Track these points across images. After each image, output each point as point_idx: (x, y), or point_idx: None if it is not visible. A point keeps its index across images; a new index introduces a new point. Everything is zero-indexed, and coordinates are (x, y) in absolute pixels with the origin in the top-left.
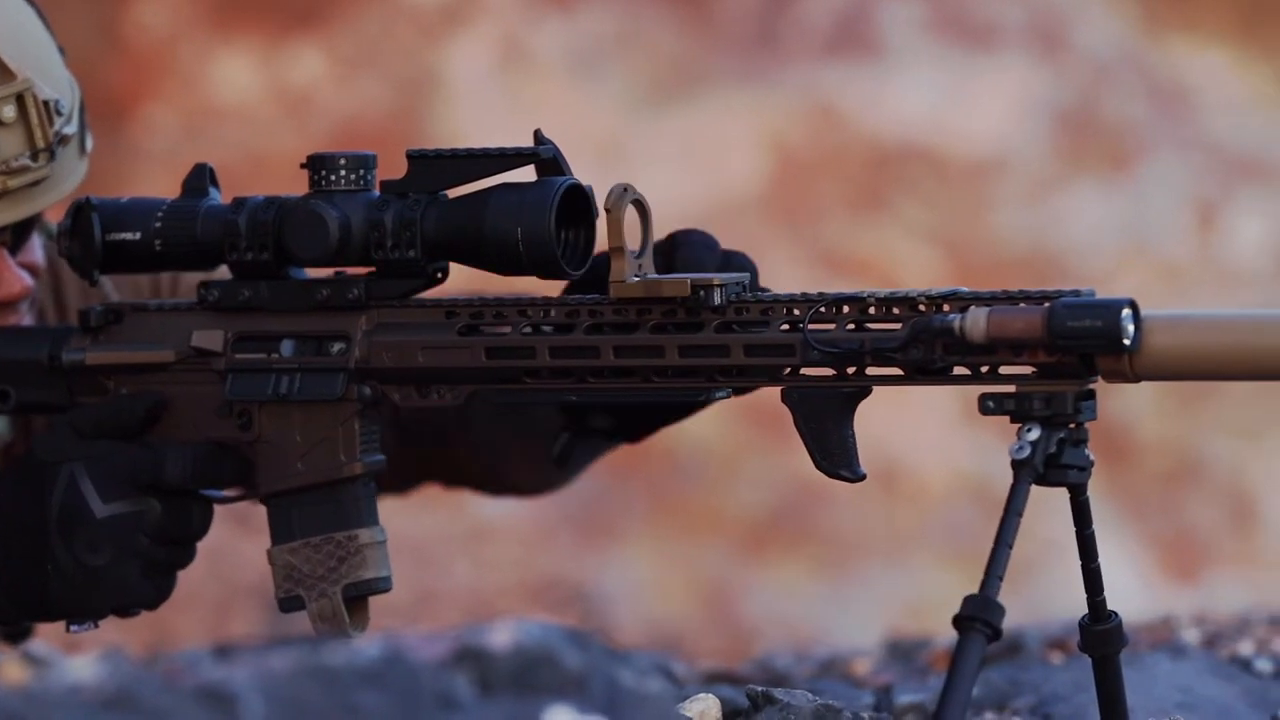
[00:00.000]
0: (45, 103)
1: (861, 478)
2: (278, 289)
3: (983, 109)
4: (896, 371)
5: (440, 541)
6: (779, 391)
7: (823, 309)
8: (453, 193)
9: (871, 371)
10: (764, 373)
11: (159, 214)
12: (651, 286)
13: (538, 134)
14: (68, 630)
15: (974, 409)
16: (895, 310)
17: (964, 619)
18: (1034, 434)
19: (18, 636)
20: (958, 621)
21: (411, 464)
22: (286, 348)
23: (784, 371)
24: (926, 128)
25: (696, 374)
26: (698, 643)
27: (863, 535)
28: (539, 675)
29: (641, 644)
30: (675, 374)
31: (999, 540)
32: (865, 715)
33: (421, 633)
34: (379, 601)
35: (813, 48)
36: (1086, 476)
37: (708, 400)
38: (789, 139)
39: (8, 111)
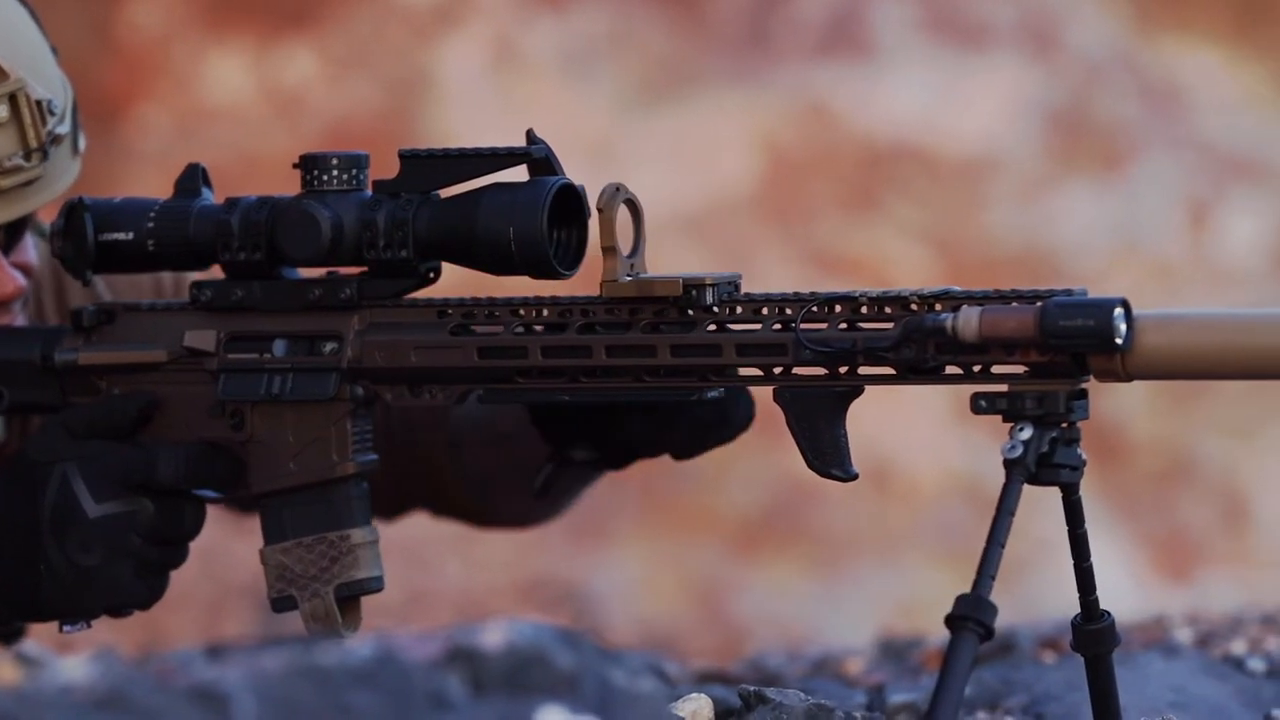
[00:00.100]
0: (38, 102)
1: (854, 477)
2: (270, 289)
3: (975, 108)
4: (889, 371)
5: (432, 542)
6: (771, 391)
7: (815, 308)
8: (445, 193)
9: (864, 371)
10: (756, 371)
11: (151, 214)
12: (644, 286)
13: (530, 134)
14: (60, 630)
15: (966, 408)
16: (887, 310)
17: (956, 618)
18: (1026, 433)
19: (10, 637)
20: (950, 621)
21: (400, 492)
22: (279, 347)
23: (776, 371)
24: (918, 127)
25: (688, 373)
26: (690, 642)
27: (855, 535)
28: (531, 675)
29: (633, 644)
30: (667, 373)
31: (991, 539)
32: (858, 715)
33: (413, 633)
34: (371, 601)
35: (804, 47)
36: (1079, 476)
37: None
38: (781, 139)
39: (0, 111)
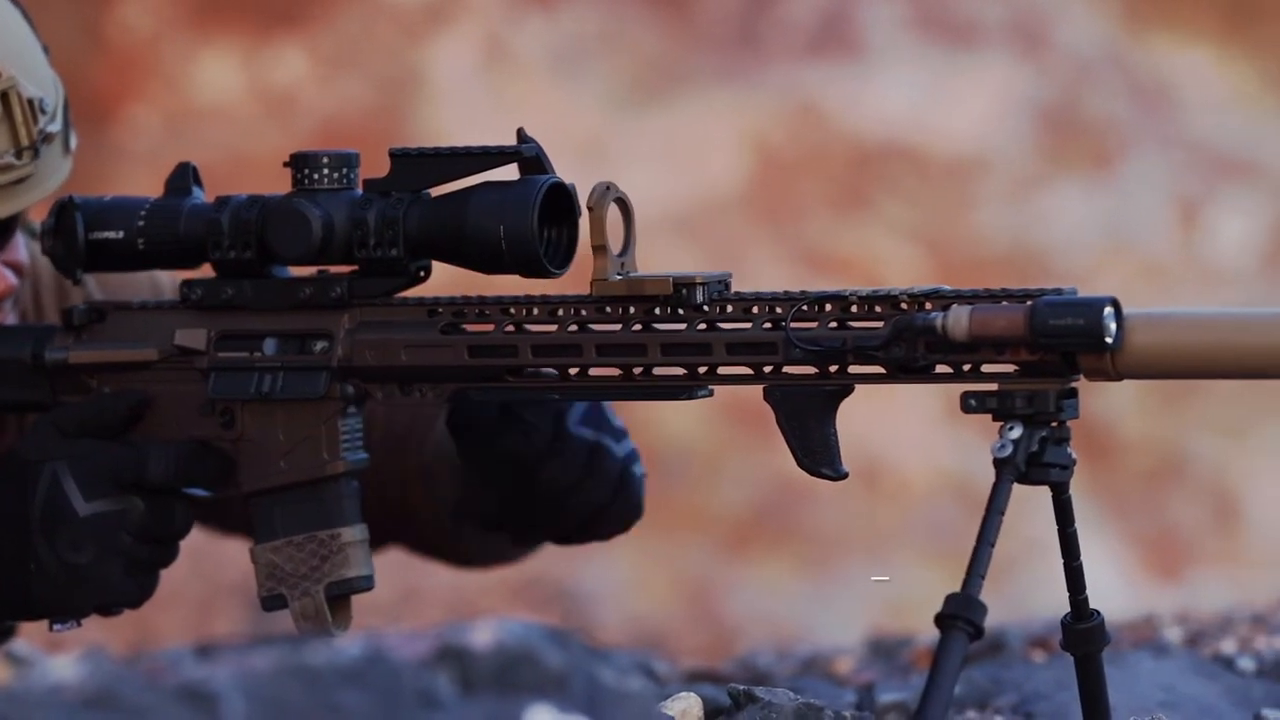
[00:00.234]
0: (29, 100)
1: (843, 476)
2: (261, 287)
3: (964, 107)
4: (879, 370)
5: None
6: (761, 390)
7: (805, 307)
8: (435, 191)
9: (854, 370)
10: (746, 370)
11: (142, 213)
12: (634, 285)
13: (520, 133)
14: (50, 629)
15: (956, 407)
16: (877, 308)
17: (946, 617)
18: (1016, 432)
19: (0, 636)
20: (940, 620)
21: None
22: (269, 346)
23: (766, 370)
24: (908, 126)
25: (679, 371)
26: (679, 641)
27: (845, 533)
28: (520, 674)
29: (623, 642)
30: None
31: (981, 538)
32: (847, 714)
33: (403, 632)
34: (361, 600)
35: (794, 47)
36: (1069, 475)
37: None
38: (771, 138)
39: None
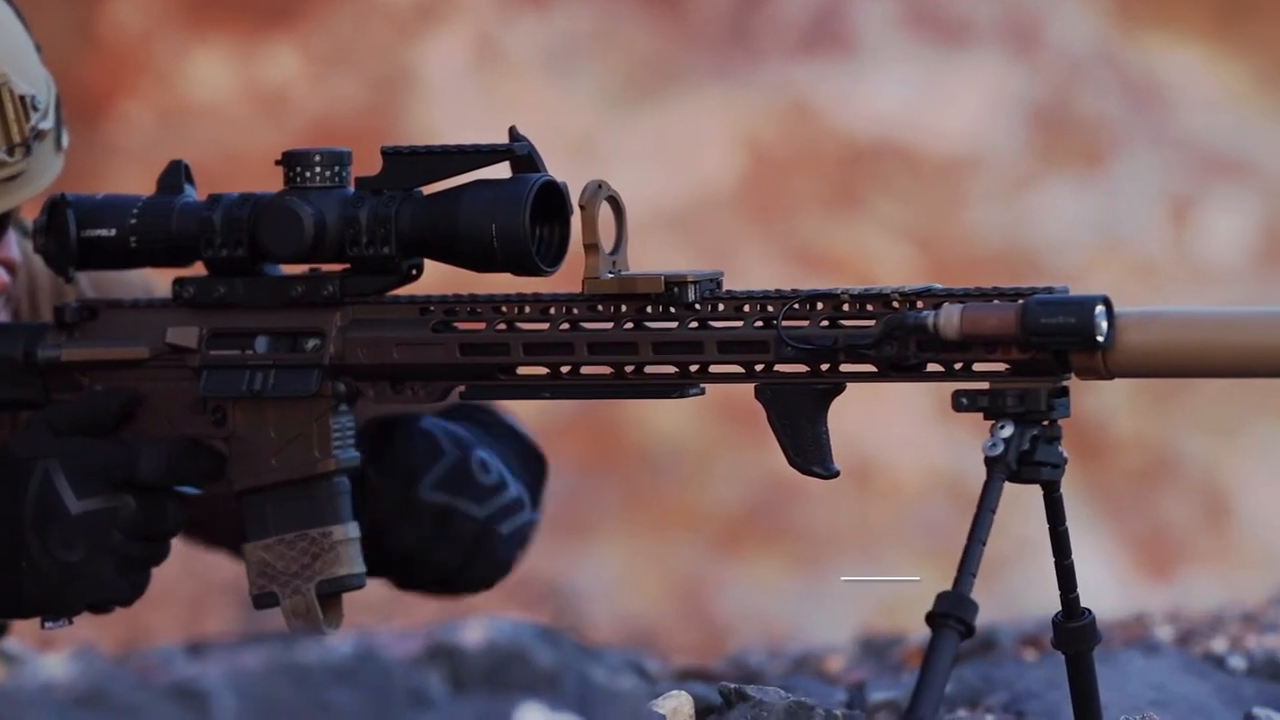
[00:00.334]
0: (21, 98)
1: (835, 474)
2: (253, 285)
3: (957, 106)
4: (870, 368)
5: None
6: (752, 388)
7: (796, 306)
8: (427, 190)
9: (845, 368)
10: (738, 369)
11: (134, 210)
12: (626, 283)
13: (513, 131)
14: (42, 627)
15: (948, 406)
16: (869, 307)
17: (937, 616)
18: (1007, 431)
19: None
20: (931, 618)
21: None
22: (261, 344)
23: (758, 368)
24: (900, 125)
25: (670, 370)
26: (671, 640)
27: (836, 532)
28: (511, 673)
29: (614, 641)
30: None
31: (972, 537)
32: (838, 713)
33: (394, 630)
34: (352, 598)
35: (787, 45)
36: (1060, 474)
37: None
38: (763, 136)
39: None
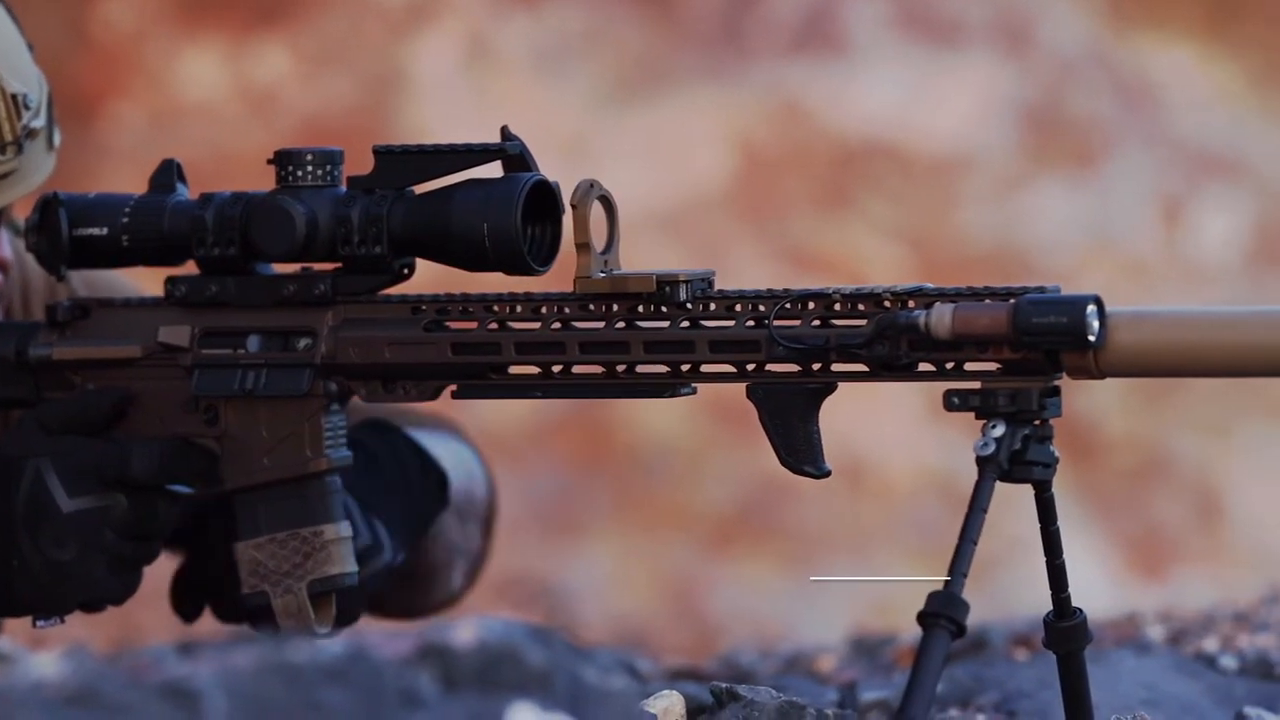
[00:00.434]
0: (13, 96)
1: (826, 474)
2: (244, 284)
3: (948, 106)
4: (862, 368)
5: None
6: (744, 388)
7: (788, 305)
8: (419, 189)
9: (837, 368)
10: (729, 368)
11: (126, 209)
12: (617, 282)
13: (504, 130)
14: (34, 625)
15: (939, 405)
16: (860, 306)
17: (928, 615)
18: (999, 430)
19: None
20: (922, 618)
21: None
22: (253, 343)
23: (749, 367)
24: (892, 125)
25: (662, 369)
26: (662, 639)
27: (828, 531)
28: (502, 672)
29: (606, 640)
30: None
31: (963, 536)
32: (830, 712)
33: (385, 629)
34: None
35: (778, 45)
36: (1051, 473)
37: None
38: (754, 136)
39: None
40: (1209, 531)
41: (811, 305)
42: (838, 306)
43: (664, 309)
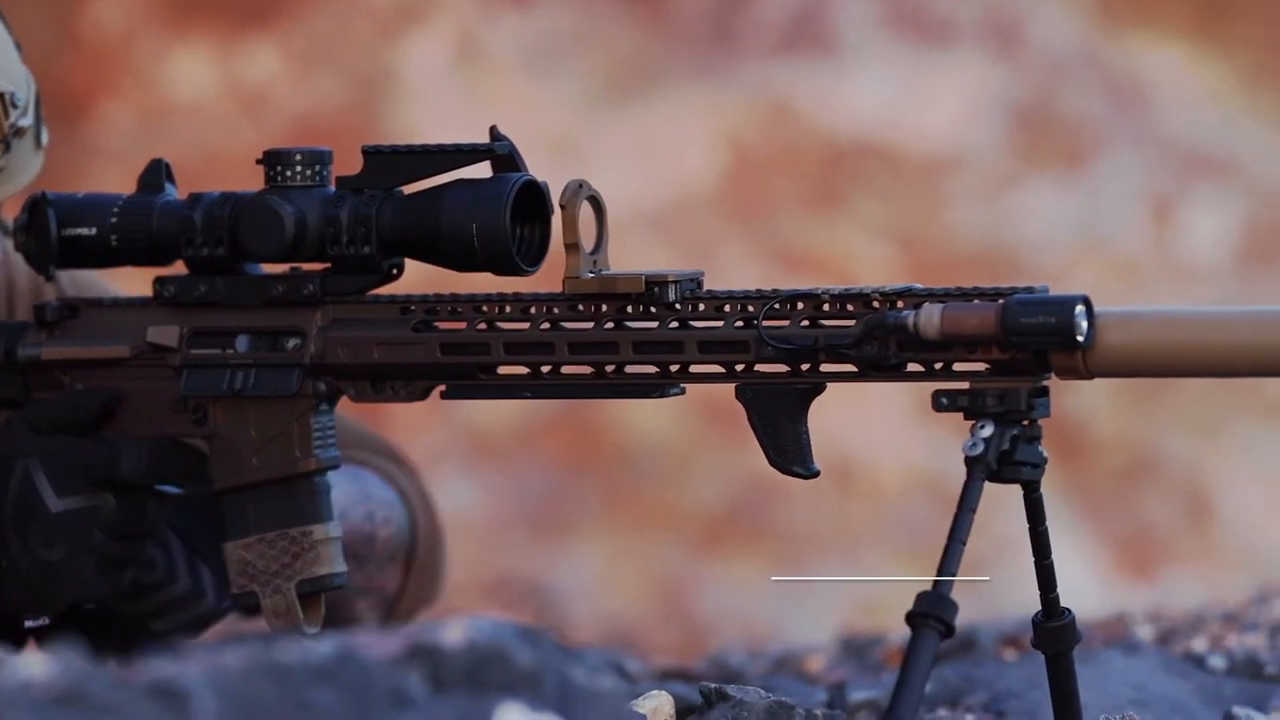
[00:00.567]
0: (1, 95)
1: (815, 474)
2: (233, 284)
3: (938, 105)
4: (850, 368)
5: None
6: (733, 388)
7: (777, 305)
8: (408, 189)
9: (825, 368)
10: (718, 369)
11: (115, 209)
12: (606, 282)
13: (493, 130)
14: (23, 625)
15: (928, 406)
16: (849, 307)
17: (917, 615)
18: (987, 430)
19: None
20: (911, 618)
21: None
22: (242, 343)
23: (738, 368)
24: (882, 124)
25: (650, 370)
26: (651, 639)
27: (817, 532)
28: (491, 672)
29: (595, 641)
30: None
31: (952, 537)
32: (818, 712)
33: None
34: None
35: (768, 45)
36: (1040, 473)
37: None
38: (744, 136)
39: None
40: (1198, 532)
41: (800, 305)
42: (826, 307)
43: (653, 309)
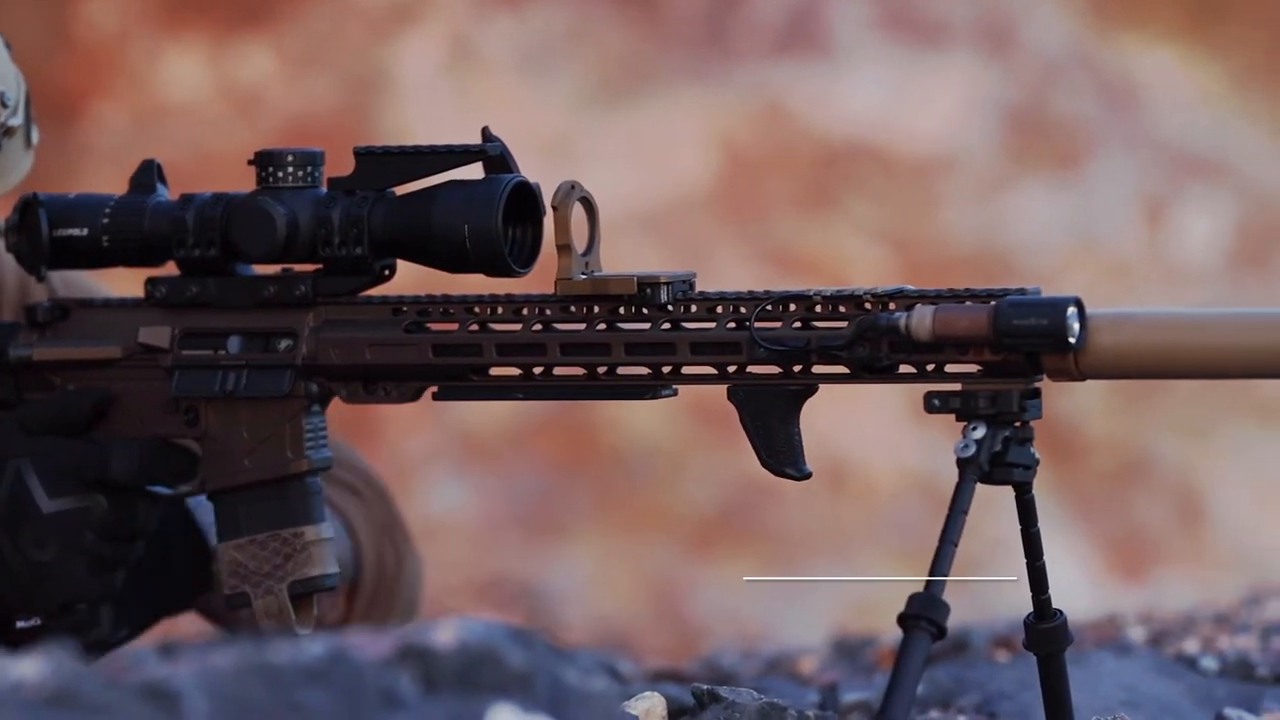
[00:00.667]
0: None
1: (807, 476)
2: (225, 285)
3: (931, 107)
4: (842, 370)
5: None
6: (725, 389)
7: (769, 307)
8: (400, 190)
9: (818, 369)
10: (710, 370)
11: (107, 210)
12: (598, 284)
13: (486, 131)
14: (14, 626)
15: (920, 407)
16: (842, 308)
17: (909, 617)
18: (979, 432)
19: None
20: (903, 620)
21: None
22: (233, 344)
23: (730, 369)
24: (875, 126)
25: (643, 371)
26: (644, 641)
27: (809, 533)
28: (483, 673)
29: (587, 642)
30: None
31: (944, 538)
32: (811, 714)
33: (366, 630)
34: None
35: (762, 46)
36: (1032, 475)
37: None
38: (738, 137)
39: None
40: (1190, 533)
41: (792, 307)
42: (819, 308)
43: (645, 311)
